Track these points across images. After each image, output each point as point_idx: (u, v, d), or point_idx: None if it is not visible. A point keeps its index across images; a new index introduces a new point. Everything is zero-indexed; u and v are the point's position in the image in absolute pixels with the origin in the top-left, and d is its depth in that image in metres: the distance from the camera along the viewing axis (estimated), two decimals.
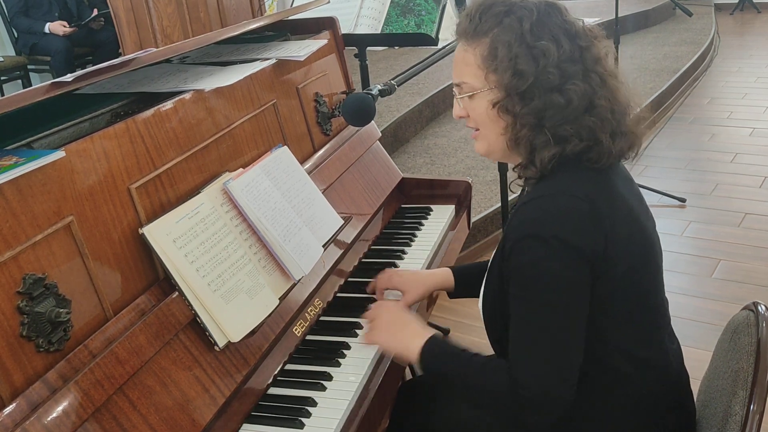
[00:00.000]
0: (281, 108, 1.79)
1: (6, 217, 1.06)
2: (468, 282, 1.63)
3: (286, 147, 1.67)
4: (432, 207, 2.16)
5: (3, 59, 5.19)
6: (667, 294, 1.34)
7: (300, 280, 1.52)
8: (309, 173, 1.71)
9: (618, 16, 4.12)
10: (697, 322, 2.77)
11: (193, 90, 1.50)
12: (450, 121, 4.58)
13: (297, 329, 1.53)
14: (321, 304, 1.63)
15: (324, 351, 1.51)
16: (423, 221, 2.07)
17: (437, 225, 2.06)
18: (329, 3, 2.29)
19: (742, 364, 1.17)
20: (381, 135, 2.23)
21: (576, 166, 1.23)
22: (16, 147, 1.23)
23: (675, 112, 5.18)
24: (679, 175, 4.12)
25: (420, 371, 1.38)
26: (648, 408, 1.29)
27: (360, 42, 2.49)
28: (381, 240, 1.98)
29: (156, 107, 1.40)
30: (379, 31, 2.51)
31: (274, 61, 1.77)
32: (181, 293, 1.28)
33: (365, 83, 2.51)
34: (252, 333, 1.36)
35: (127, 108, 1.49)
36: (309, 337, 1.56)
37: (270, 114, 1.74)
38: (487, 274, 1.36)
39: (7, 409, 0.99)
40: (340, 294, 1.72)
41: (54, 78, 1.24)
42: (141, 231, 1.27)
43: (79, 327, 1.14)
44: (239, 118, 1.62)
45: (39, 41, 5.17)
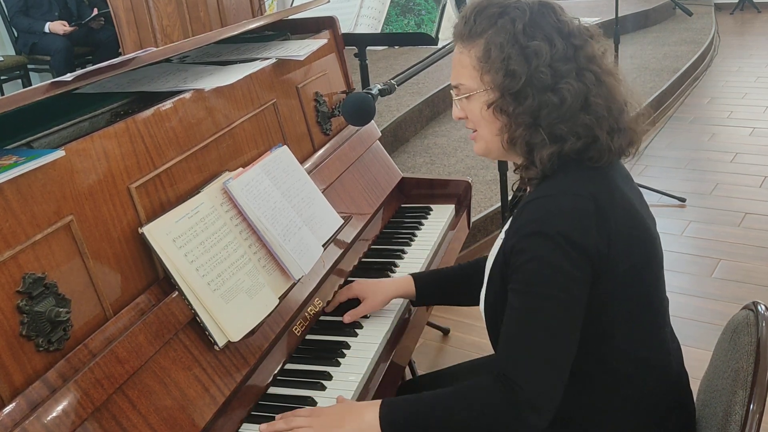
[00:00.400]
0: (281, 107, 1.79)
1: (6, 217, 1.06)
2: (429, 290, 1.62)
3: (285, 146, 1.67)
4: (432, 207, 2.16)
5: (3, 59, 5.19)
6: (667, 294, 1.34)
7: (300, 279, 1.52)
8: (309, 173, 1.71)
9: (618, 15, 4.13)
10: (697, 321, 2.77)
11: (193, 89, 1.50)
12: (450, 121, 4.58)
13: (297, 329, 1.53)
14: (321, 303, 1.63)
15: (324, 350, 1.51)
16: (423, 221, 2.07)
17: (437, 225, 2.06)
18: (329, 2, 2.29)
19: (741, 363, 1.17)
20: (381, 134, 2.23)
21: (577, 165, 1.23)
22: (15, 146, 1.23)
23: (675, 111, 5.18)
24: (679, 175, 4.12)
25: None
26: (648, 408, 1.29)
27: (360, 41, 2.49)
28: (381, 239, 1.98)
29: (156, 107, 1.40)
30: (379, 31, 2.51)
31: (274, 61, 1.77)
32: (181, 293, 1.28)
33: (365, 83, 2.51)
34: (252, 332, 1.36)
35: (127, 107, 1.48)
36: (309, 337, 1.56)
37: (270, 113, 1.74)
38: (488, 274, 1.36)
39: (7, 409, 0.99)
40: None
41: (54, 77, 1.23)
42: (141, 230, 1.27)
43: (79, 326, 1.14)
44: (239, 117, 1.62)
45: (39, 41, 5.18)
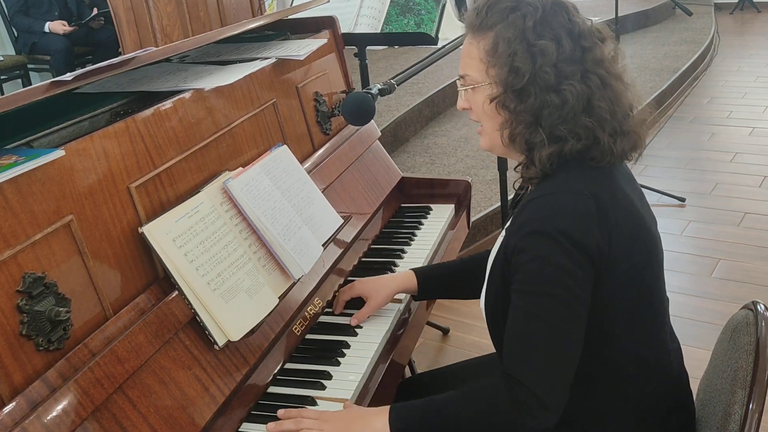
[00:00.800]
0: (281, 107, 1.79)
1: (6, 216, 1.06)
2: (431, 284, 1.63)
3: (285, 146, 1.67)
4: (432, 206, 2.16)
5: (3, 58, 5.19)
6: (667, 293, 1.34)
7: (300, 279, 1.52)
8: (309, 172, 1.71)
9: (618, 15, 4.14)
10: (697, 321, 2.77)
11: (193, 89, 1.50)
12: (450, 120, 4.58)
13: (297, 328, 1.53)
14: (321, 303, 1.63)
15: (324, 350, 1.51)
16: (423, 220, 2.07)
17: (437, 224, 2.06)
18: (329, 2, 2.29)
19: (741, 363, 1.17)
20: (381, 134, 2.23)
21: (579, 165, 1.23)
22: (15, 146, 1.23)
23: (675, 111, 5.18)
24: (679, 175, 4.12)
25: None
26: (650, 408, 1.29)
27: (360, 41, 2.49)
28: (381, 239, 1.98)
29: (156, 106, 1.40)
30: (379, 31, 2.51)
31: (273, 61, 1.77)
32: (181, 292, 1.28)
33: (365, 82, 2.51)
34: (252, 332, 1.36)
35: (127, 107, 1.48)
36: (309, 336, 1.56)
37: (270, 113, 1.74)
38: (489, 273, 1.36)
39: (7, 408, 0.99)
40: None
41: (54, 77, 1.23)
42: (141, 230, 1.27)
43: (79, 326, 1.14)
44: (239, 117, 1.62)
45: (39, 40, 5.18)
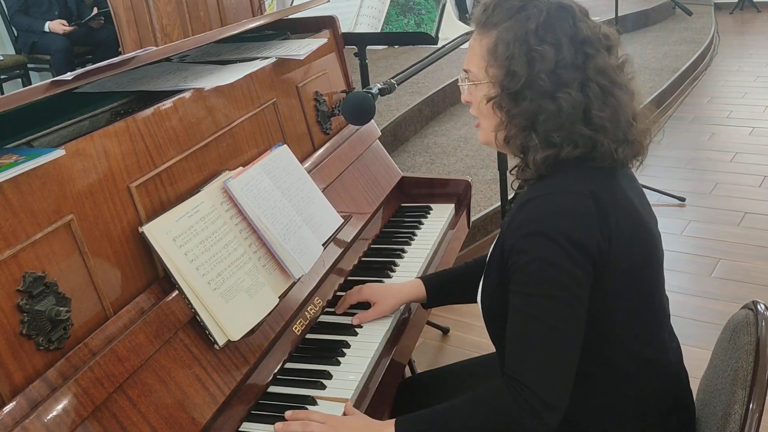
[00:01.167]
0: (281, 107, 1.79)
1: (6, 216, 1.06)
2: (440, 292, 1.63)
3: (285, 146, 1.67)
4: (432, 206, 2.16)
5: (3, 58, 5.19)
6: (667, 293, 1.34)
7: (300, 278, 1.52)
8: (309, 172, 1.71)
9: (618, 15, 4.14)
10: (697, 321, 2.77)
11: (193, 89, 1.50)
12: (450, 120, 4.58)
13: (297, 328, 1.53)
14: (321, 302, 1.63)
15: (324, 350, 1.51)
16: (423, 220, 2.07)
17: (437, 224, 2.06)
18: (329, 2, 2.29)
19: (741, 362, 1.17)
20: (381, 134, 2.23)
21: (578, 165, 1.22)
22: (16, 145, 1.23)
23: (675, 111, 5.18)
24: (679, 175, 4.12)
25: None
26: (650, 408, 1.29)
27: (360, 41, 2.49)
28: (381, 239, 1.98)
29: (156, 106, 1.40)
30: (379, 30, 2.51)
31: (273, 60, 1.76)
32: (181, 292, 1.28)
33: (365, 82, 2.51)
34: (252, 332, 1.36)
35: (127, 107, 1.49)
36: (309, 336, 1.56)
37: (270, 113, 1.74)
38: (486, 270, 1.36)
39: (7, 408, 0.99)
40: (339, 293, 1.71)
41: (54, 76, 1.23)
42: (141, 229, 1.27)
43: (79, 325, 1.14)
44: (239, 116, 1.62)
45: (39, 40, 5.17)
